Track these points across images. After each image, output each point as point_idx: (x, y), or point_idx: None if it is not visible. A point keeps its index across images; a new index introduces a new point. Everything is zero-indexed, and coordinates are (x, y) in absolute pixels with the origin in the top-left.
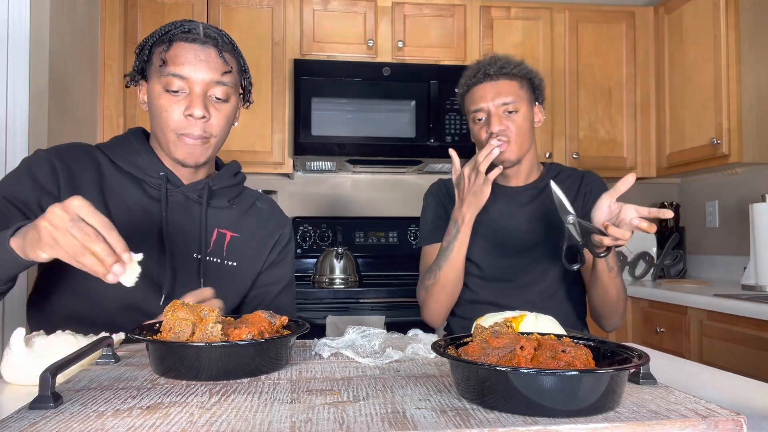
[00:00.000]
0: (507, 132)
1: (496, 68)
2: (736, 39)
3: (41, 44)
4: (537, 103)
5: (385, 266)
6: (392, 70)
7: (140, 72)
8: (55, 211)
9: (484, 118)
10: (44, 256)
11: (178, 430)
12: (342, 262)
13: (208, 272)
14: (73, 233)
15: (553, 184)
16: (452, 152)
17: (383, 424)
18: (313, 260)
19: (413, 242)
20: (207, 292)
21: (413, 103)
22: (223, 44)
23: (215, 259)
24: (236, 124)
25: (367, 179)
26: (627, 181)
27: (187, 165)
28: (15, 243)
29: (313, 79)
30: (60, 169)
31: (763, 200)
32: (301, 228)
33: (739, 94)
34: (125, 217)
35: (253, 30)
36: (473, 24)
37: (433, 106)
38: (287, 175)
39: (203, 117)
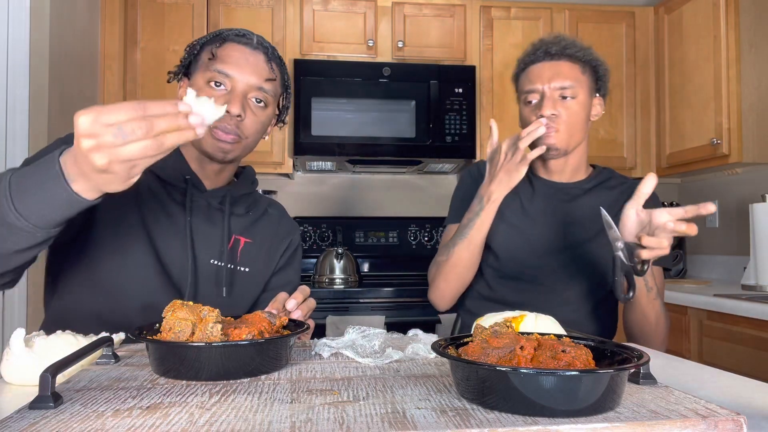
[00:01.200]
0: (558, 119)
1: (559, 47)
2: (736, 39)
3: (41, 44)
4: (598, 94)
5: (385, 266)
6: (392, 70)
7: (185, 69)
8: (80, 120)
9: (536, 101)
10: (118, 186)
11: (178, 430)
12: (342, 262)
13: (223, 278)
14: (128, 147)
15: (603, 211)
16: (492, 122)
17: (383, 424)
18: (313, 260)
19: (413, 242)
20: (282, 295)
21: (413, 103)
22: (273, 55)
23: (229, 265)
24: (266, 137)
25: (367, 179)
26: (648, 183)
27: (215, 158)
28: (78, 186)
29: (313, 79)
30: None
31: (763, 200)
32: (301, 228)
33: (739, 94)
34: (153, 218)
35: (253, 30)
36: (473, 24)
37: (433, 106)
38: (287, 175)
39: (239, 116)
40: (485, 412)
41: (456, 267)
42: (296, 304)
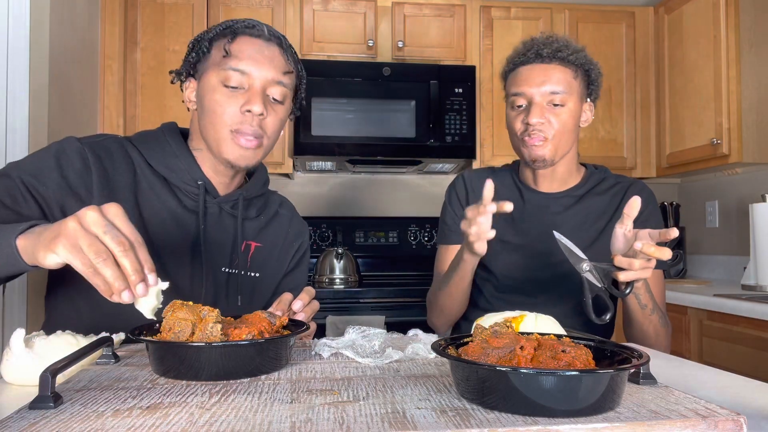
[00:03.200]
0: (545, 127)
1: (551, 50)
2: (736, 39)
3: (41, 44)
4: (588, 99)
5: (385, 266)
6: (392, 70)
7: (191, 68)
8: (88, 213)
9: (524, 105)
10: (54, 259)
11: (178, 430)
12: (342, 262)
13: (233, 285)
14: (104, 239)
15: (557, 235)
16: (488, 182)
17: (383, 424)
18: (313, 260)
19: (413, 242)
20: (287, 295)
21: (413, 103)
22: (287, 45)
23: (240, 271)
24: (282, 132)
25: (367, 179)
26: (632, 206)
27: (237, 167)
28: (23, 242)
29: (313, 79)
30: (94, 168)
31: (763, 200)
32: None
33: (739, 94)
34: (159, 228)
35: None
36: (473, 24)
37: (433, 106)
38: (287, 175)
39: (261, 114)
40: (485, 412)
41: (450, 297)
42: (302, 305)
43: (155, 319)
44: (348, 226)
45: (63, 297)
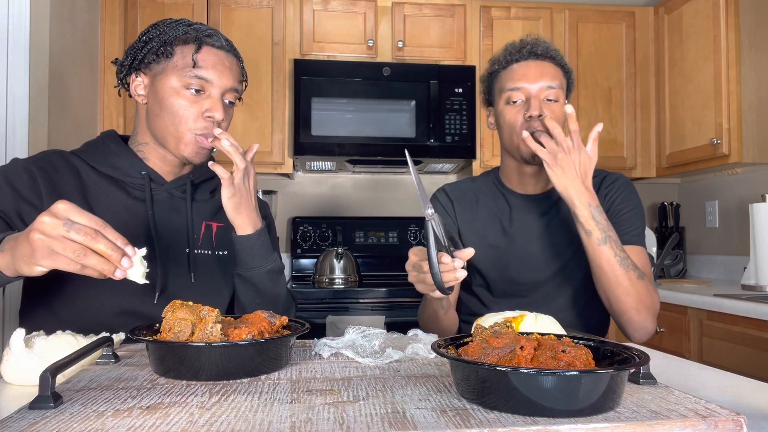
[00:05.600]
0: (546, 120)
1: (543, 48)
2: (736, 39)
3: (41, 44)
4: (567, 101)
5: (385, 266)
6: (392, 70)
7: (140, 64)
8: (43, 220)
9: (520, 101)
10: (40, 269)
11: (178, 430)
12: (342, 262)
13: (201, 265)
14: (71, 237)
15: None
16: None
17: (383, 424)
18: (313, 260)
19: (413, 242)
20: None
21: (413, 103)
22: (239, 55)
23: (206, 251)
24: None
25: (367, 179)
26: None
27: (193, 163)
28: (0, 259)
29: (313, 79)
30: (40, 178)
31: (763, 200)
32: (301, 228)
33: (739, 94)
34: (112, 221)
35: (253, 30)
36: (473, 24)
37: (433, 106)
38: (287, 175)
39: (222, 120)
40: (485, 412)
41: (433, 323)
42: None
43: (148, 282)
44: (348, 226)
45: (39, 300)
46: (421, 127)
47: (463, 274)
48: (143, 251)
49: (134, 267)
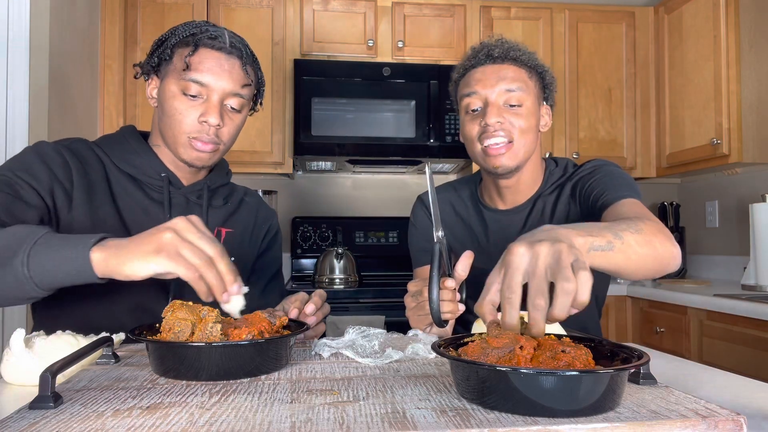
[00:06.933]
0: (505, 127)
1: (502, 50)
2: (736, 39)
3: (41, 44)
4: (545, 103)
5: (385, 266)
6: (392, 70)
7: (155, 67)
8: (179, 222)
9: (479, 109)
10: (152, 269)
11: (178, 430)
12: (342, 262)
13: None
14: (202, 247)
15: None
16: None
17: (383, 424)
18: (313, 260)
19: None
20: (302, 294)
21: (413, 103)
22: (247, 57)
23: None
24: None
25: (367, 179)
26: (463, 263)
27: (194, 167)
28: (98, 255)
29: (314, 79)
30: (72, 163)
31: (763, 200)
32: (301, 228)
33: (739, 94)
34: (132, 219)
35: (253, 30)
36: (473, 24)
37: (433, 106)
38: (287, 175)
39: (218, 125)
40: (485, 412)
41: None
42: (314, 309)
43: (241, 318)
44: (348, 226)
45: (51, 296)
46: (421, 127)
47: (462, 308)
48: (246, 289)
49: (237, 298)
